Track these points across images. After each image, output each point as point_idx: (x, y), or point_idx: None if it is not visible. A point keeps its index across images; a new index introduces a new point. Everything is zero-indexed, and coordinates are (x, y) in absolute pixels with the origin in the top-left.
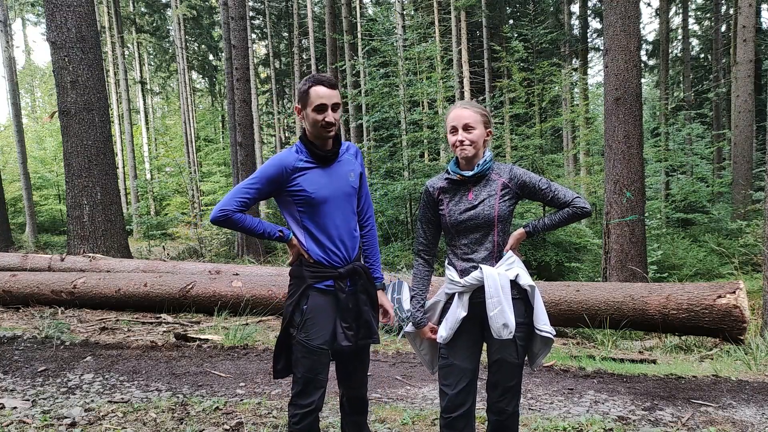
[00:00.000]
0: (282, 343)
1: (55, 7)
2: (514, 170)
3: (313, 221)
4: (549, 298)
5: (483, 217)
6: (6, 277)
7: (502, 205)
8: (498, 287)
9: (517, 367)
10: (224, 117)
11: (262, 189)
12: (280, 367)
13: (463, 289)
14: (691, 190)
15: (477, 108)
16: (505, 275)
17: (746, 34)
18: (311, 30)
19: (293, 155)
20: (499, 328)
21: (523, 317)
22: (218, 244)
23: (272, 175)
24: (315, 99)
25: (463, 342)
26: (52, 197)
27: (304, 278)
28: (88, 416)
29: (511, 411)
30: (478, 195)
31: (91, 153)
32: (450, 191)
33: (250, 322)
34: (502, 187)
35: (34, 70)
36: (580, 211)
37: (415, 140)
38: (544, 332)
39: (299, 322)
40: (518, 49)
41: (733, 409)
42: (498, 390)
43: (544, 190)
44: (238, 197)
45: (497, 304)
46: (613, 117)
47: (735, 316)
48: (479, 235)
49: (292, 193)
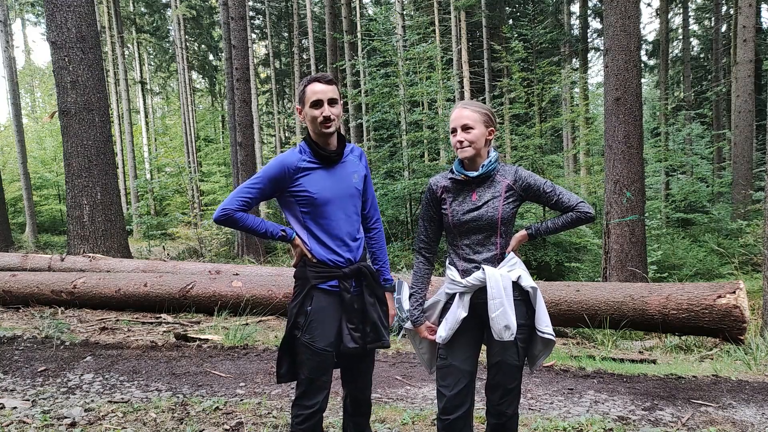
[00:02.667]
0: (286, 345)
1: (55, 7)
2: (519, 172)
3: (316, 222)
4: (549, 298)
5: (486, 218)
6: (6, 277)
7: (505, 207)
8: (500, 288)
9: (518, 369)
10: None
11: (265, 189)
12: (284, 371)
13: (464, 290)
14: (691, 190)
15: (477, 107)
16: (507, 276)
17: (746, 34)
18: (311, 30)
19: (296, 155)
20: (501, 329)
21: (524, 319)
22: (218, 244)
23: (275, 175)
24: (311, 95)
25: (463, 343)
26: (52, 197)
27: (307, 279)
28: (88, 416)
29: (510, 414)
30: (482, 196)
31: (91, 153)
32: (453, 191)
33: (250, 322)
34: (506, 188)
35: (34, 70)
36: (585, 216)
37: (415, 140)
38: (546, 334)
39: (303, 323)
40: (518, 49)
41: (733, 409)
42: (498, 392)
43: (548, 193)
44: (240, 197)
45: (499, 305)
46: (613, 117)
47: (735, 316)
48: (482, 236)
49: (295, 193)
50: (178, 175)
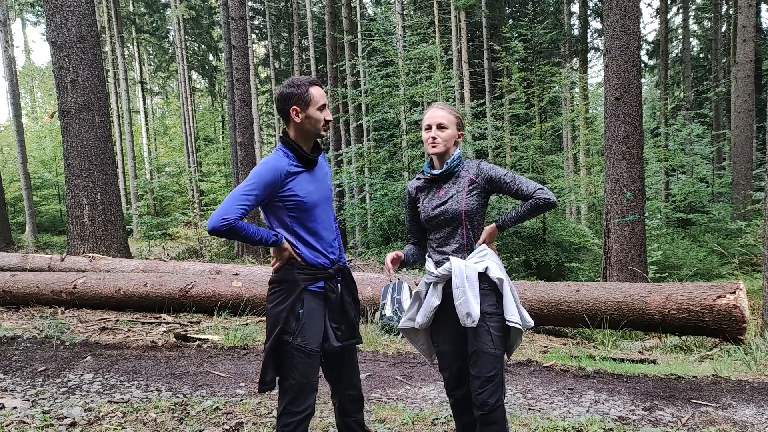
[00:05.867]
0: (273, 351)
1: (55, 7)
2: (481, 166)
3: (304, 226)
4: (549, 298)
5: (451, 211)
6: (6, 277)
7: (469, 200)
8: (464, 278)
9: (494, 357)
10: (224, 117)
11: (260, 195)
12: (269, 378)
13: (437, 279)
14: (691, 190)
15: (452, 110)
16: (472, 266)
17: (746, 34)
18: (311, 30)
19: (284, 159)
20: (464, 316)
21: (494, 308)
22: (218, 244)
23: (269, 181)
24: (319, 98)
25: (447, 329)
26: (52, 197)
27: (296, 282)
28: (88, 416)
29: (493, 403)
30: (448, 191)
31: (91, 153)
32: (425, 189)
33: (250, 322)
34: (469, 183)
35: (34, 70)
36: (543, 202)
37: (415, 140)
38: (512, 323)
39: (295, 327)
40: (518, 49)
41: (733, 409)
42: (478, 381)
43: (508, 184)
44: (238, 205)
45: (462, 294)
46: (613, 117)
47: (735, 316)
48: (450, 228)
49: (284, 198)
50: (178, 175)
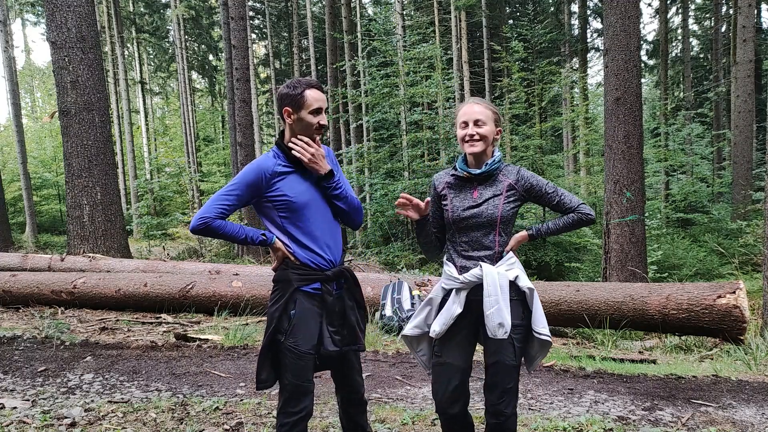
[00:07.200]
0: (267, 350)
1: (55, 7)
2: (521, 172)
3: (296, 226)
4: (549, 298)
5: (486, 216)
6: (6, 277)
7: (506, 206)
8: (497, 286)
9: (515, 369)
10: (224, 117)
11: (242, 195)
12: (265, 377)
13: (461, 286)
14: (691, 190)
15: (488, 105)
16: (504, 275)
17: (746, 34)
18: (311, 30)
19: (271, 160)
20: (495, 327)
21: (520, 319)
22: (218, 244)
23: (252, 180)
24: (312, 102)
25: (458, 340)
26: (52, 197)
27: (290, 281)
28: (88, 416)
29: (509, 413)
30: (483, 194)
31: (91, 153)
32: (455, 187)
33: (250, 322)
34: (508, 188)
35: (34, 70)
36: (586, 218)
37: (415, 141)
38: (543, 335)
39: (287, 327)
40: (518, 49)
41: (733, 409)
42: (496, 392)
43: (550, 194)
44: (217, 204)
45: (494, 303)
46: (613, 117)
47: (735, 316)
48: (480, 233)
49: (272, 198)
50: (178, 175)
